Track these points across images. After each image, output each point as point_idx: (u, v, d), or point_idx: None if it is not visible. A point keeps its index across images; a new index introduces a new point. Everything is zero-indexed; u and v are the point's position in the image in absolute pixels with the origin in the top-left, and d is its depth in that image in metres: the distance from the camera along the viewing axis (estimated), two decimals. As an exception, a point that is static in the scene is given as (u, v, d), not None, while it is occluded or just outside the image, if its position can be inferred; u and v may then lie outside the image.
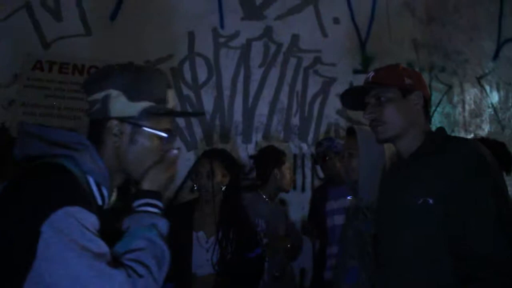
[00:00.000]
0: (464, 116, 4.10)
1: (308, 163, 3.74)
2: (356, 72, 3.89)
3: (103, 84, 1.23)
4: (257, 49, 3.80)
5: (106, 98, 1.22)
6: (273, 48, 3.82)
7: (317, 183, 3.70)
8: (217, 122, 3.68)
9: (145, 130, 1.24)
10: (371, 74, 1.71)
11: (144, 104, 1.24)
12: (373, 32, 3.96)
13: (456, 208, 1.45)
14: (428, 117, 1.72)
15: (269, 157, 3.07)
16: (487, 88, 4.14)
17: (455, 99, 4.15)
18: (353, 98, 1.77)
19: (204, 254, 2.43)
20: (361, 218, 2.17)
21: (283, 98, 3.80)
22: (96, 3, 3.60)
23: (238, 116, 3.73)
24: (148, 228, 1.19)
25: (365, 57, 3.93)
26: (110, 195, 1.25)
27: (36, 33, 3.52)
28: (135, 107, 1.23)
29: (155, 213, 1.24)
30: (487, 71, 4.13)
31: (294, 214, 3.54)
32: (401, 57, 3.78)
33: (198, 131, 3.63)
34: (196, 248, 2.44)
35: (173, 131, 1.33)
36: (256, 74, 3.79)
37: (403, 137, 1.65)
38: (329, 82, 3.86)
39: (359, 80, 3.81)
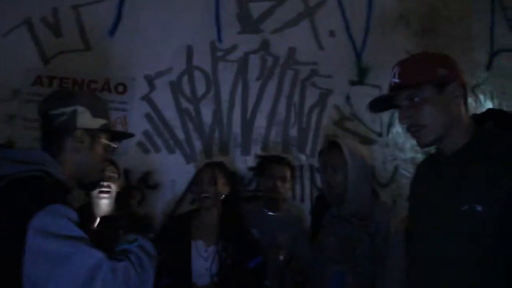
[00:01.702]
0: (459, 126, 4.14)
1: (306, 174, 3.75)
2: (352, 83, 3.94)
3: (70, 101, 1.51)
4: (254, 62, 3.84)
5: (74, 113, 1.49)
6: (270, 61, 3.86)
7: (315, 193, 3.72)
8: (216, 134, 3.71)
9: (102, 141, 1.56)
10: (397, 70, 1.50)
11: (102, 121, 1.56)
12: (368, 44, 4.01)
13: None
14: (467, 107, 1.52)
15: (255, 167, 3.10)
16: (481, 97, 4.19)
17: (450, 109, 4.17)
18: (382, 101, 1.61)
19: (203, 263, 2.45)
20: (345, 226, 2.21)
21: (281, 110, 3.83)
22: (95, 19, 3.65)
23: (236, 128, 3.75)
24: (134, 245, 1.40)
25: (361, 69, 3.97)
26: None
27: (36, 48, 3.56)
28: (97, 122, 1.54)
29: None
30: (480, 81, 4.18)
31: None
32: (396, 68, 3.82)
33: (197, 143, 3.66)
34: (195, 257, 2.47)
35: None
36: (254, 87, 3.82)
37: (447, 136, 1.48)
38: (326, 93, 3.89)
39: (356, 91, 3.88)
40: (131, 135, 1.81)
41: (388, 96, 1.56)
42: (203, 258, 2.46)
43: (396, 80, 1.50)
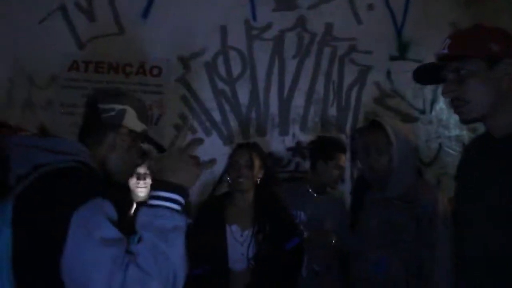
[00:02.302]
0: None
1: (346, 154, 3.65)
2: (393, 58, 3.79)
3: (122, 100, 1.53)
4: (290, 40, 3.74)
5: (123, 111, 1.52)
6: (307, 38, 3.75)
7: (355, 174, 3.62)
8: (253, 115, 3.65)
9: (140, 145, 1.59)
10: (447, 42, 1.43)
11: (144, 127, 1.59)
12: (409, 17, 3.83)
13: None
14: None
15: (316, 148, 2.99)
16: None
17: (498, 82, 3.99)
18: (427, 73, 1.54)
19: (239, 248, 2.40)
20: (390, 208, 2.12)
21: (319, 88, 3.72)
22: (128, 2, 3.63)
23: (274, 108, 3.68)
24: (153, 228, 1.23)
25: (402, 43, 3.82)
26: None
27: (71, 33, 3.58)
28: (140, 126, 1.57)
29: (173, 209, 1.26)
30: (531, 53, 3.96)
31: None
32: (440, 42, 3.64)
33: (234, 124, 3.62)
34: (231, 241, 2.42)
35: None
36: (291, 65, 3.72)
37: (493, 115, 1.40)
38: (365, 70, 3.76)
39: (397, 67, 3.74)
40: (163, 149, 1.70)
41: (434, 67, 1.49)
42: (239, 243, 2.42)
43: (445, 51, 1.42)
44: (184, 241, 1.24)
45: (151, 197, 1.27)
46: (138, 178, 2.55)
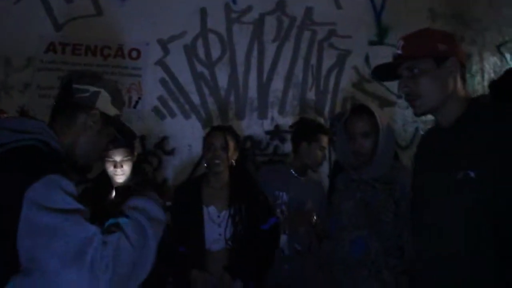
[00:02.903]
0: (483, 86, 4.01)
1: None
2: (371, 43, 3.83)
3: (97, 82, 1.53)
4: (270, 23, 3.75)
5: (97, 93, 1.51)
6: (286, 22, 3.76)
7: (333, 157, 3.66)
8: (232, 98, 3.66)
9: (110, 130, 1.58)
10: (401, 44, 1.62)
11: (117, 111, 1.59)
12: (388, 3, 3.88)
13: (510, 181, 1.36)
14: (465, 83, 1.63)
15: (300, 130, 3.00)
16: (507, 55, 4.03)
17: (474, 68, 4.06)
18: (384, 70, 1.69)
19: (216, 229, 2.43)
20: (367, 190, 2.17)
21: (298, 72, 3.75)
22: (106, -17, 3.57)
23: (253, 92, 3.69)
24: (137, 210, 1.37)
25: (381, 29, 3.85)
26: None
27: (48, 15, 3.52)
28: (113, 111, 1.57)
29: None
30: (507, 38, 4.02)
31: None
32: (418, 27, 3.66)
33: (213, 108, 3.62)
34: (208, 223, 2.45)
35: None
36: (270, 49, 3.74)
37: (442, 107, 1.58)
38: (344, 54, 3.80)
39: (375, 51, 3.77)
40: (135, 136, 1.77)
41: (391, 66, 1.65)
42: (216, 224, 2.45)
43: (399, 52, 1.61)
44: (159, 238, 1.35)
45: (143, 195, 1.47)
46: (115, 166, 2.56)
